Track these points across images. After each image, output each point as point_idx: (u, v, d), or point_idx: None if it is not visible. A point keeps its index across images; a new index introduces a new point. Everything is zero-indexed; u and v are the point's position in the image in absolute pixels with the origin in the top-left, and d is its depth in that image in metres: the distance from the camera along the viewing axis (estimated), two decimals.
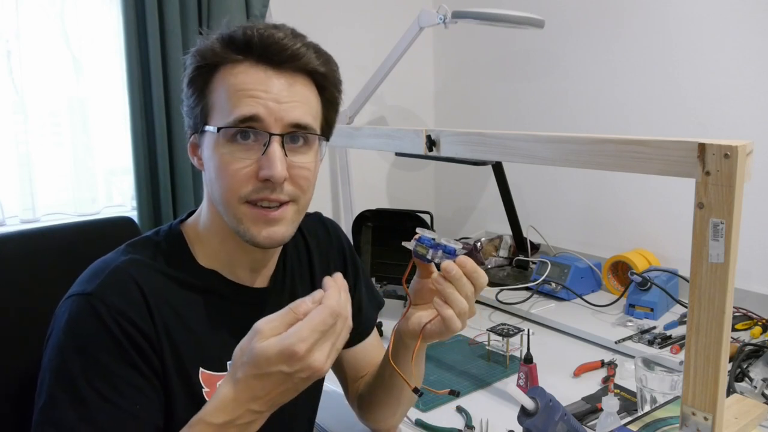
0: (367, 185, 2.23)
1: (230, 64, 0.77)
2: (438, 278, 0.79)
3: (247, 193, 0.77)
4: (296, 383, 0.68)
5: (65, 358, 0.72)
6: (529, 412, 0.81)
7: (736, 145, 0.63)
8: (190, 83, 0.79)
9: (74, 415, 0.70)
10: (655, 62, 1.70)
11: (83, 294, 0.75)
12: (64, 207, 1.68)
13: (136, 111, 1.62)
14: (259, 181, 0.76)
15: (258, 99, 0.75)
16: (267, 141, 0.76)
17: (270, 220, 0.78)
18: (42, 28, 1.58)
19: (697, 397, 0.68)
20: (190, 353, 0.79)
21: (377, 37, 2.05)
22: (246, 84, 0.76)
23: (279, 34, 0.77)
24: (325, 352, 0.67)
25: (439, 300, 0.79)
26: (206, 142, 0.79)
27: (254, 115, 0.75)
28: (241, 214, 0.78)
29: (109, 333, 0.72)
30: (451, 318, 0.79)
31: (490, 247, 2.03)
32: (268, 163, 0.75)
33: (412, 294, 0.89)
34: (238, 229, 0.79)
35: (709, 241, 0.65)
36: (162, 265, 0.81)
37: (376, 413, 1.02)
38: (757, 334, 1.39)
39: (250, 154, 0.76)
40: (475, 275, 0.80)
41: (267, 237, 0.79)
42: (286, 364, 0.65)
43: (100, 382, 0.71)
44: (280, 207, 0.78)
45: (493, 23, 1.61)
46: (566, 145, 0.80)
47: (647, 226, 1.78)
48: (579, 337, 1.49)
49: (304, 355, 0.65)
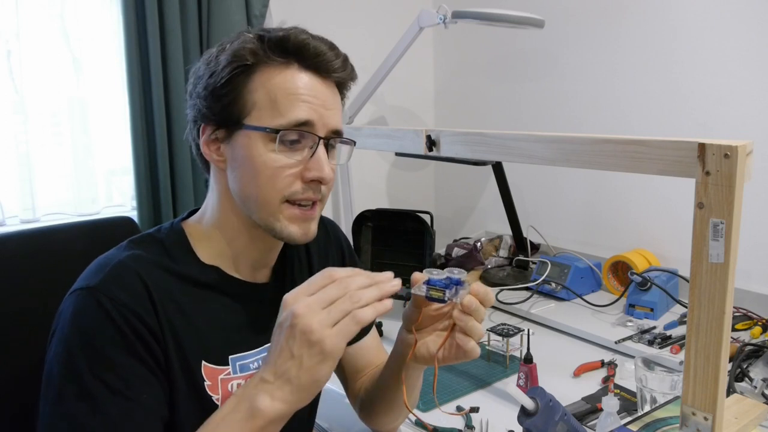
0: (367, 185, 2.23)
1: (274, 66, 0.80)
2: (460, 315, 0.79)
3: (291, 193, 0.80)
4: (287, 339, 0.69)
5: (71, 352, 0.72)
6: (529, 412, 0.81)
7: (736, 145, 0.63)
8: (229, 81, 0.80)
9: (84, 408, 0.70)
10: (656, 62, 1.70)
11: (87, 288, 0.75)
12: (64, 207, 1.68)
13: (136, 111, 1.62)
14: (303, 182, 0.80)
15: (311, 104, 0.79)
16: (315, 144, 0.80)
17: (307, 218, 0.83)
18: (42, 28, 1.58)
19: (697, 397, 0.68)
20: (193, 347, 0.80)
21: (377, 37, 2.05)
22: (299, 89, 0.79)
23: (324, 46, 0.81)
24: (309, 304, 0.68)
25: (462, 335, 0.79)
26: (241, 140, 0.80)
27: (308, 120, 0.79)
28: (279, 213, 0.81)
29: (114, 325, 0.73)
30: (473, 348, 0.79)
31: (490, 247, 2.03)
32: (317, 166, 0.80)
33: (407, 321, 0.86)
34: (274, 227, 0.81)
35: (709, 241, 0.65)
36: (164, 261, 0.82)
37: (377, 419, 1.03)
38: (757, 334, 1.39)
39: (296, 155, 0.80)
40: (486, 298, 0.80)
41: (304, 234, 0.83)
42: (282, 314, 0.70)
43: (107, 374, 0.71)
44: (314, 206, 0.83)
45: (493, 23, 1.61)
46: (566, 145, 0.80)
47: (647, 226, 1.78)
48: (579, 337, 1.49)
49: (289, 303, 0.70)
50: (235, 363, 0.84)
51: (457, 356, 0.82)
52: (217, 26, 1.72)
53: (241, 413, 0.70)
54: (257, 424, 0.70)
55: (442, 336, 0.83)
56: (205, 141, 0.83)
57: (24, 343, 0.96)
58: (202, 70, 0.82)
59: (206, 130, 0.83)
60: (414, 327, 0.84)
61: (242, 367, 0.84)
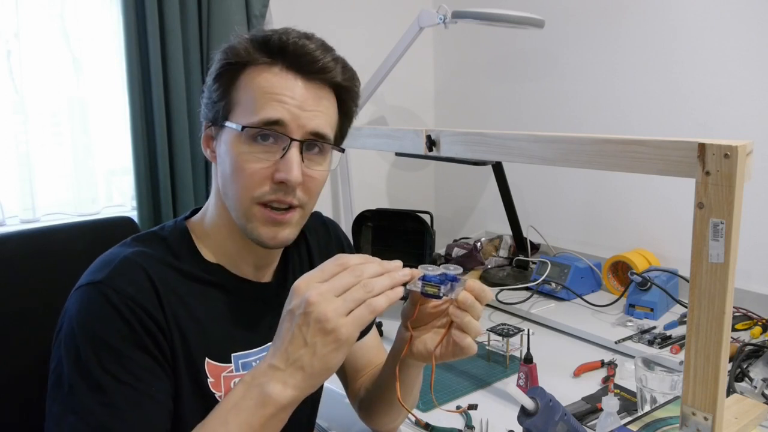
0: (367, 185, 2.23)
1: (260, 65, 0.79)
2: (456, 311, 0.78)
3: (260, 194, 0.79)
4: (300, 327, 0.67)
5: (79, 347, 0.72)
6: (529, 412, 0.81)
7: (736, 145, 0.63)
8: (217, 78, 0.81)
9: (94, 401, 0.70)
10: (656, 62, 1.70)
11: (93, 283, 0.75)
12: (64, 207, 1.68)
13: (136, 111, 1.62)
14: (274, 183, 0.78)
15: (284, 104, 0.78)
16: (287, 145, 0.78)
17: (278, 222, 0.81)
18: (42, 28, 1.58)
19: (697, 397, 0.68)
20: (197, 343, 0.80)
21: (377, 37, 2.05)
22: (274, 87, 0.78)
23: (311, 45, 0.79)
24: (323, 292, 0.67)
25: (458, 332, 0.79)
26: (224, 137, 0.81)
27: (279, 119, 0.77)
28: (251, 214, 0.80)
29: (122, 318, 0.73)
30: (470, 345, 0.79)
31: (490, 247, 2.03)
32: (285, 167, 0.77)
33: (404, 318, 0.86)
34: (245, 228, 0.81)
35: (709, 241, 0.65)
36: (168, 258, 0.82)
37: (377, 419, 1.03)
38: (757, 334, 1.39)
39: (269, 156, 0.78)
40: (482, 295, 0.79)
41: (272, 238, 0.81)
42: (292, 301, 0.69)
43: (115, 366, 0.72)
44: (288, 211, 0.81)
45: (493, 23, 1.61)
46: (566, 145, 0.80)
47: (647, 226, 1.78)
48: (579, 337, 1.49)
49: (301, 289, 0.68)
50: (237, 361, 0.84)
51: (455, 353, 0.81)
52: (217, 26, 1.72)
53: (252, 400, 0.69)
54: (269, 411, 0.69)
55: (440, 333, 0.82)
56: (203, 137, 0.85)
57: (24, 342, 0.96)
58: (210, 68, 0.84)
59: (205, 127, 0.85)
60: (410, 323, 0.84)
61: (245, 365, 0.85)
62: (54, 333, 0.77)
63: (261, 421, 0.69)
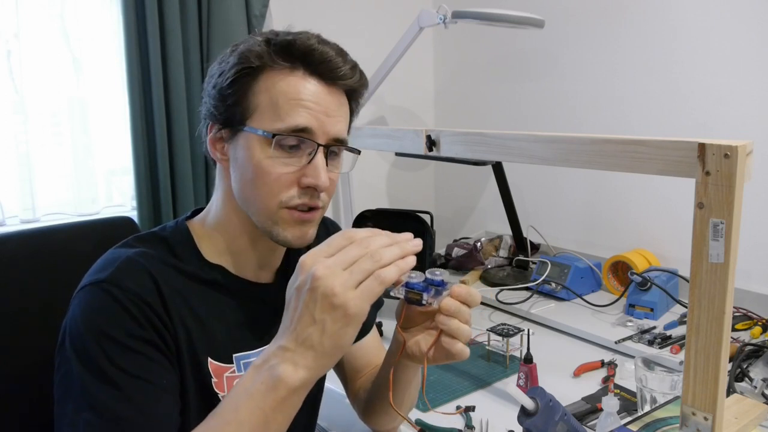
0: (367, 185, 2.23)
1: (279, 70, 0.80)
2: (442, 318, 0.77)
3: (288, 198, 0.80)
4: (308, 304, 0.65)
5: (87, 346, 0.72)
6: (529, 412, 0.81)
7: (736, 145, 0.63)
8: (234, 82, 0.80)
9: (107, 395, 0.70)
10: (656, 62, 1.70)
11: (97, 282, 0.75)
12: (64, 207, 1.68)
13: (136, 111, 1.62)
14: (300, 187, 0.80)
15: (311, 111, 0.79)
16: (313, 151, 0.80)
17: (304, 223, 0.82)
18: (42, 28, 1.58)
19: (697, 397, 0.68)
20: (201, 342, 0.80)
21: (377, 37, 2.05)
22: (300, 94, 0.79)
23: (331, 52, 0.81)
24: (329, 266, 0.65)
25: (448, 338, 0.77)
26: (243, 141, 0.81)
27: (307, 127, 0.79)
28: (278, 218, 0.81)
29: (127, 314, 0.73)
30: (461, 350, 0.78)
31: (490, 247, 2.03)
32: (313, 173, 0.79)
33: (397, 319, 0.84)
34: (271, 231, 0.82)
35: (709, 241, 0.65)
36: (170, 258, 0.82)
37: (377, 419, 1.03)
38: (757, 334, 1.39)
39: (294, 161, 0.79)
40: (470, 299, 0.78)
41: (299, 237, 0.83)
42: (298, 278, 0.67)
43: (125, 361, 0.71)
44: (311, 211, 0.82)
45: (493, 23, 1.61)
46: (566, 145, 0.80)
47: (647, 226, 1.78)
48: (579, 337, 1.49)
49: (307, 265, 0.67)
50: (239, 361, 0.84)
51: (447, 357, 0.80)
52: (217, 26, 1.72)
53: (262, 384, 0.67)
54: (280, 394, 0.67)
55: (433, 335, 0.81)
56: (211, 139, 0.85)
57: (24, 343, 0.96)
58: (214, 68, 0.83)
59: (212, 129, 0.84)
60: (400, 327, 0.83)
61: (246, 366, 0.85)
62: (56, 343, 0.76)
63: (272, 405, 0.67)
